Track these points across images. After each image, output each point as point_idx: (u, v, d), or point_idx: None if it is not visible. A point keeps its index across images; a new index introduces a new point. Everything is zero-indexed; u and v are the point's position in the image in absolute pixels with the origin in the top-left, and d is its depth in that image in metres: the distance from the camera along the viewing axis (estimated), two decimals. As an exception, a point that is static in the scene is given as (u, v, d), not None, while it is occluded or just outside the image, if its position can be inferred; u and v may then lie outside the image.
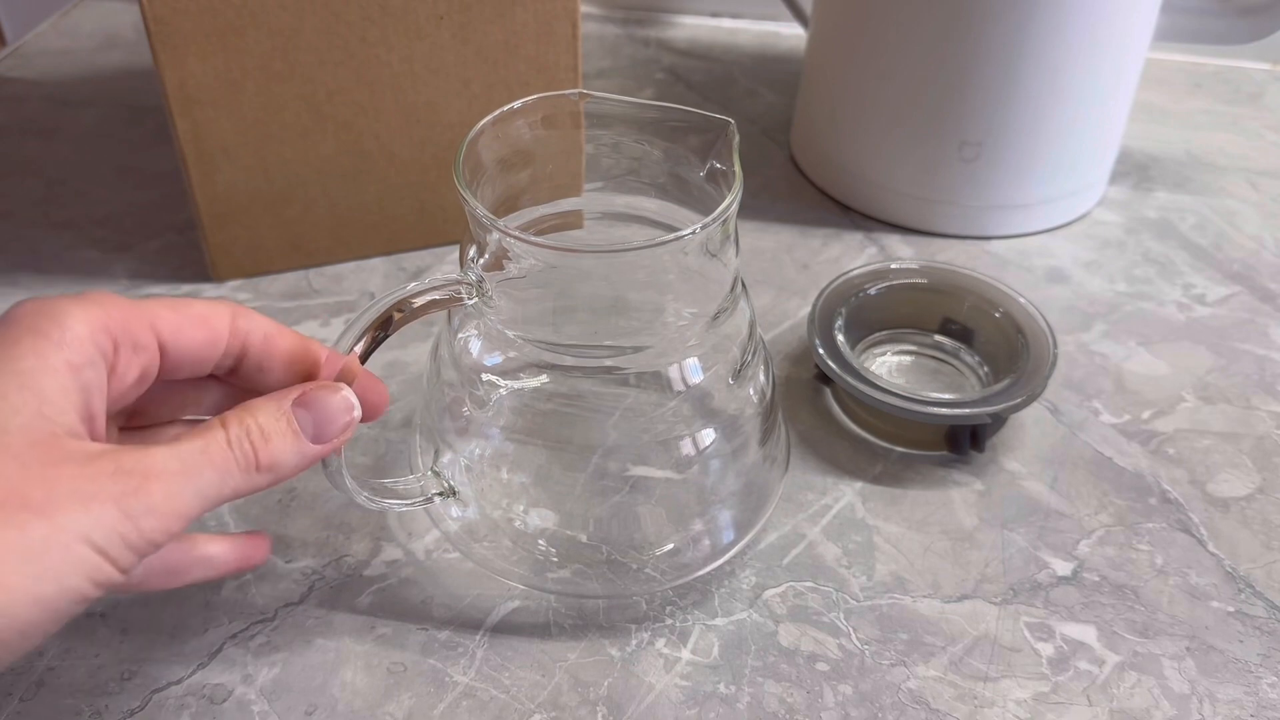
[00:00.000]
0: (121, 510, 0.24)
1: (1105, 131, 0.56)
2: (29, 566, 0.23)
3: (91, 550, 0.24)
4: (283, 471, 0.28)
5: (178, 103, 0.45)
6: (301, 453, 0.28)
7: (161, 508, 0.25)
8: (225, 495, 0.26)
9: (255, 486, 0.27)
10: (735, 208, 0.32)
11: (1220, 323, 0.51)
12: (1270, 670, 0.36)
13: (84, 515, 0.24)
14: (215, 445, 0.26)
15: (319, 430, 0.28)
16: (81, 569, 0.24)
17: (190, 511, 0.26)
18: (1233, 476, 0.43)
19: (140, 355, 0.28)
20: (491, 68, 0.49)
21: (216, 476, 0.26)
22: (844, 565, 0.39)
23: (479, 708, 0.34)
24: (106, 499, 0.24)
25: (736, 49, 0.74)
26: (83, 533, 0.23)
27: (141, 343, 0.28)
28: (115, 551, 0.24)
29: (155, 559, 0.30)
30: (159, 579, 0.31)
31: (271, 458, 0.27)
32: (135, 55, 0.71)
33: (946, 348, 0.47)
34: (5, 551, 0.23)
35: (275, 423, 0.27)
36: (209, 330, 0.29)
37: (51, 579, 0.23)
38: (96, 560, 0.24)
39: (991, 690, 0.35)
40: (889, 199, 0.56)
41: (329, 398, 0.29)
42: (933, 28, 0.51)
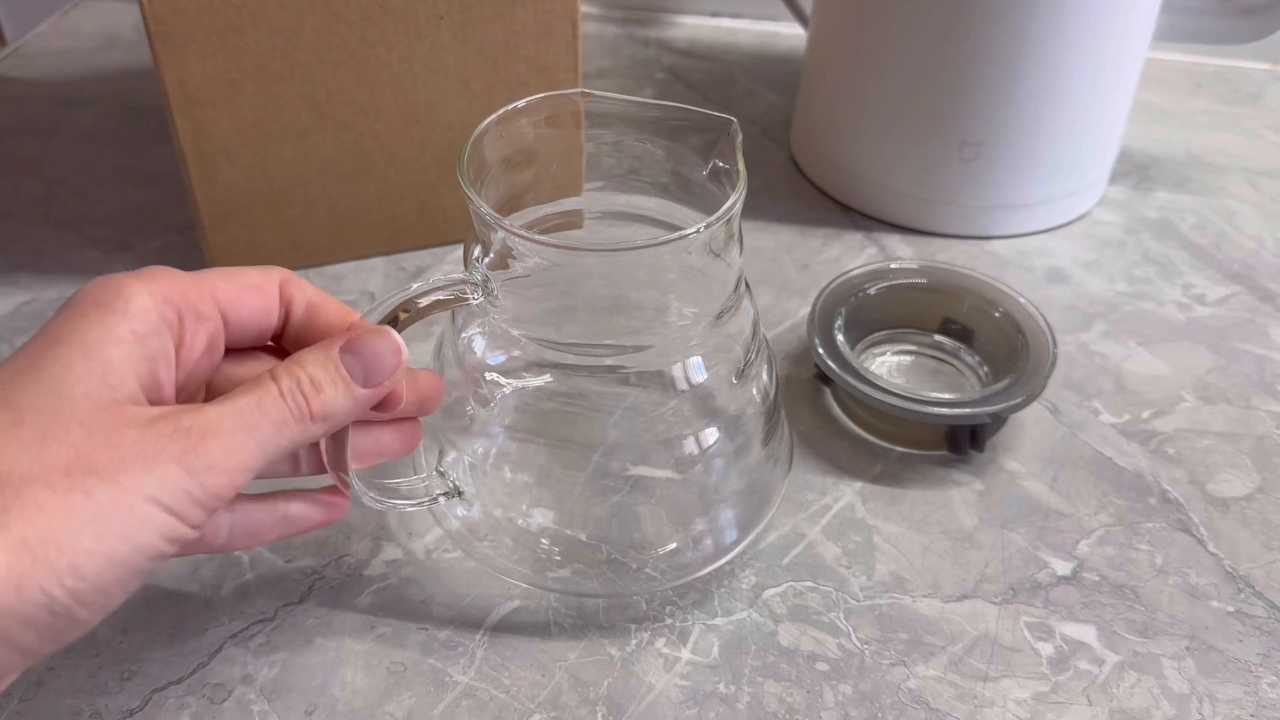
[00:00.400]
0: (184, 468, 0.25)
1: (1105, 131, 0.56)
2: (99, 528, 0.24)
3: (159, 509, 0.24)
4: (337, 419, 0.28)
5: (178, 103, 0.45)
6: (353, 398, 0.28)
7: (222, 463, 0.25)
8: (284, 445, 0.27)
9: (312, 435, 0.28)
10: (739, 206, 0.32)
11: (1220, 323, 0.51)
12: (1270, 670, 0.36)
13: (148, 476, 0.24)
14: (269, 398, 0.27)
15: (368, 375, 0.28)
16: (151, 527, 0.24)
17: (252, 464, 0.26)
18: (1232, 476, 0.43)
19: (205, 325, 0.29)
20: (491, 68, 0.49)
21: (273, 429, 0.27)
22: (844, 565, 0.39)
23: (479, 708, 0.34)
24: (169, 459, 0.25)
25: (736, 49, 0.74)
26: (149, 493, 0.24)
27: (205, 313, 0.29)
28: (182, 508, 0.25)
29: (240, 520, 0.31)
30: (243, 539, 0.31)
31: (325, 407, 0.28)
32: (135, 55, 0.71)
33: (946, 348, 0.47)
34: (76, 516, 0.23)
35: (324, 371, 0.28)
36: (264, 297, 0.30)
37: (123, 538, 0.24)
38: (165, 518, 0.24)
39: (991, 690, 0.35)
40: (889, 199, 0.56)
41: (375, 341, 0.29)
42: (933, 28, 0.51)
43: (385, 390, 0.29)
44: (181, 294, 0.28)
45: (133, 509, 0.24)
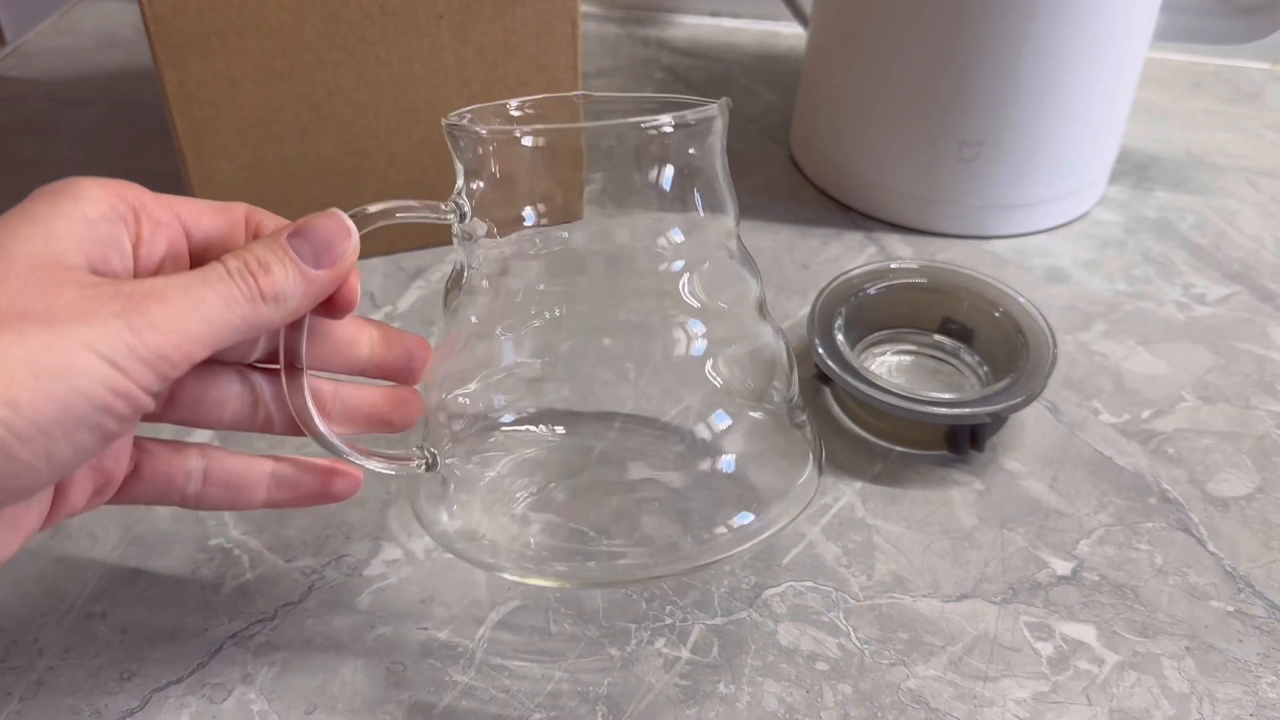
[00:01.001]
0: (124, 323, 0.24)
1: (1105, 131, 0.56)
2: (34, 366, 0.23)
3: (98, 358, 0.24)
4: (290, 302, 0.28)
5: (177, 102, 0.45)
6: (305, 279, 0.28)
7: (165, 324, 0.25)
8: (235, 323, 0.26)
9: (265, 318, 0.27)
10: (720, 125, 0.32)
11: (1220, 322, 0.51)
12: (1270, 670, 0.36)
13: (86, 327, 0.24)
14: (215, 273, 0.26)
15: (318, 256, 0.28)
16: (91, 374, 0.24)
17: (200, 333, 0.25)
18: (1232, 476, 0.43)
19: (164, 230, 0.28)
20: (491, 67, 0.49)
21: (220, 301, 0.26)
22: (844, 565, 0.39)
23: (479, 707, 0.34)
24: (108, 314, 0.24)
25: (736, 48, 0.74)
26: (86, 341, 0.24)
27: (163, 220, 0.28)
28: (124, 361, 0.24)
29: (215, 470, 0.30)
30: (222, 494, 0.31)
31: (274, 287, 0.27)
32: (135, 54, 0.71)
33: (946, 347, 0.47)
34: (8, 352, 0.23)
35: (273, 253, 0.27)
36: (226, 216, 0.30)
37: (58, 380, 0.23)
38: (105, 368, 0.24)
39: (991, 690, 0.35)
40: (889, 198, 0.56)
41: (323, 222, 0.28)
42: (933, 27, 0.51)
43: (337, 275, 0.29)
44: (138, 197, 0.28)
45: (70, 353, 0.23)
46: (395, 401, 0.33)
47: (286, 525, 0.40)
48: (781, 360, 0.36)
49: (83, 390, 0.23)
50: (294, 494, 0.32)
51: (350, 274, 0.29)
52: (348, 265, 0.29)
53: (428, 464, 0.34)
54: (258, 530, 0.39)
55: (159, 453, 0.30)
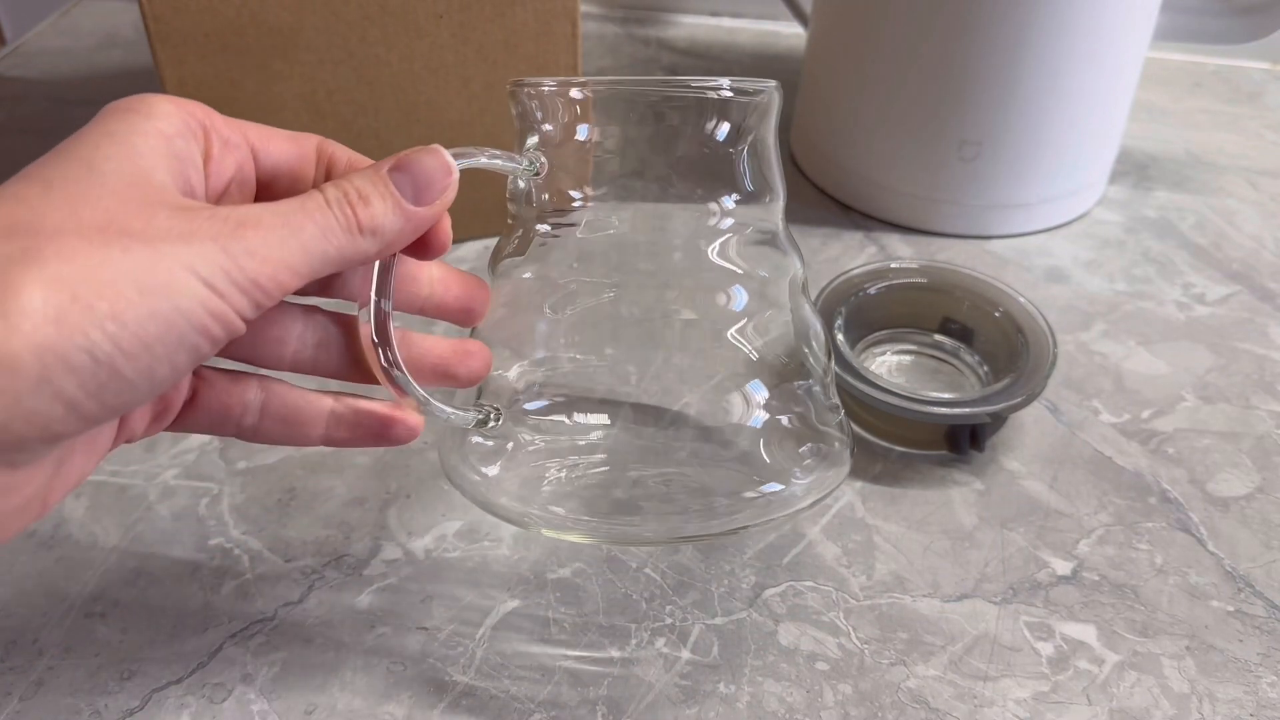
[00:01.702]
0: (221, 248, 0.24)
1: (1105, 131, 0.56)
2: (139, 281, 0.22)
3: (198, 280, 0.23)
4: (386, 235, 0.27)
5: (177, 102, 0.45)
6: (403, 214, 0.27)
7: (261, 251, 0.24)
8: (330, 254, 0.26)
9: (361, 250, 0.27)
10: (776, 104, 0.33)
11: (1220, 322, 0.51)
12: (1270, 669, 0.36)
13: (185, 248, 0.23)
14: (313, 202, 0.26)
15: (418, 192, 0.28)
16: (192, 294, 0.23)
17: (295, 263, 0.25)
18: (1232, 476, 0.43)
19: (233, 151, 0.28)
20: (491, 67, 0.49)
21: (318, 231, 0.26)
22: (844, 565, 0.39)
23: (479, 708, 0.34)
24: (205, 237, 0.24)
25: (736, 48, 0.74)
26: (186, 262, 0.23)
27: (232, 140, 0.28)
28: (222, 285, 0.24)
29: (274, 403, 0.30)
30: (280, 428, 0.30)
31: (373, 219, 0.27)
32: (135, 54, 0.71)
33: (946, 347, 0.47)
34: (114, 265, 0.22)
35: (374, 185, 0.27)
36: (297, 144, 0.30)
37: (163, 296, 0.23)
38: (204, 291, 0.23)
39: (991, 689, 0.35)
40: (889, 198, 0.56)
41: (426, 158, 0.28)
42: (933, 27, 0.51)
43: (437, 212, 0.28)
44: (207, 115, 0.27)
45: (171, 272, 0.23)
46: (462, 354, 0.32)
47: (286, 525, 0.40)
48: (820, 338, 0.36)
49: (185, 310, 0.23)
50: (352, 434, 0.31)
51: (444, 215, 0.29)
52: (446, 204, 0.28)
53: (490, 417, 0.33)
54: (258, 530, 0.39)
55: (217, 381, 0.29)
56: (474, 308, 0.33)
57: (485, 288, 0.33)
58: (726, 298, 0.34)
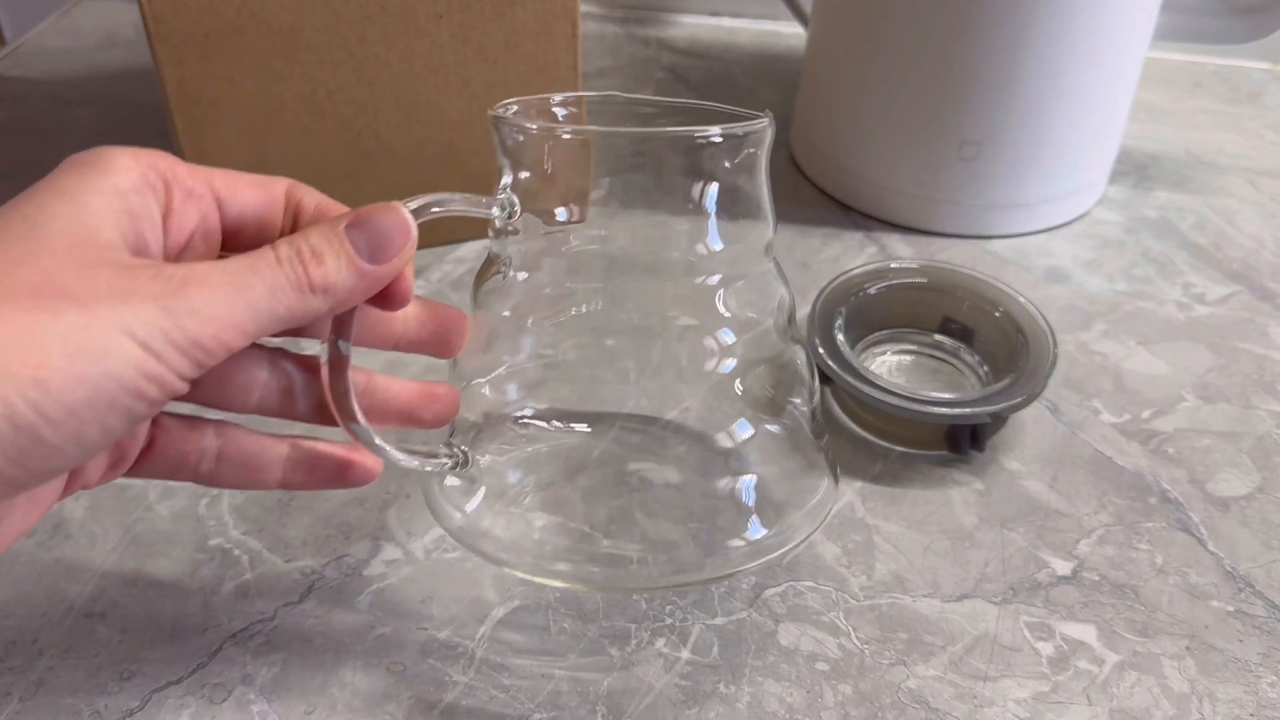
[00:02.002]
0: (161, 307, 0.23)
1: (1105, 131, 0.56)
2: (67, 345, 0.22)
3: (133, 342, 0.23)
4: (339, 293, 0.27)
5: (177, 102, 0.45)
6: (357, 273, 0.27)
7: (206, 310, 0.24)
8: (280, 313, 0.26)
9: (313, 309, 0.26)
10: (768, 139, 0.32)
11: (1220, 322, 0.51)
12: (1270, 669, 0.36)
13: (123, 308, 0.23)
14: (263, 261, 0.26)
15: (374, 250, 0.27)
16: (124, 357, 0.23)
17: (241, 322, 0.25)
18: (1232, 476, 0.43)
19: (196, 202, 0.28)
20: (491, 67, 0.48)
21: (266, 290, 0.25)
22: (844, 565, 0.39)
23: (479, 708, 0.34)
24: (146, 297, 0.23)
25: (736, 48, 0.74)
26: (122, 324, 0.23)
27: (195, 191, 0.28)
28: (158, 346, 0.23)
29: (230, 449, 0.30)
30: (236, 473, 0.30)
31: (325, 278, 0.26)
32: (135, 54, 0.71)
33: (946, 347, 0.47)
34: (43, 332, 0.22)
35: (328, 243, 0.27)
36: (265, 191, 0.29)
37: (92, 361, 0.22)
38: (139, 353, 0.23)
39: (991, 690, 0.35)
40: (889, 198, 0.56)
41: (383, 216, 0.28)
42: (933, 27, 0.51)
43: (394, 270, 0.28)
44: (169, 166, 0.27)
45: (104, 334, 0.23)
46: (427, 397, 0.32)
47: (286, 525, 0.40)
48: (803, 374, 0.36)
49: (115, 374, 0.23)
50: (309, 478, 0.31)
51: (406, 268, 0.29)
52: (404, 262, 0.28)
53: (459, 462, 0.33)
54: (258, 530, 0.39)
55: (175, 429, 0.30)
56: (451, 340, 0.32)
57: (462, 319, 0.32)
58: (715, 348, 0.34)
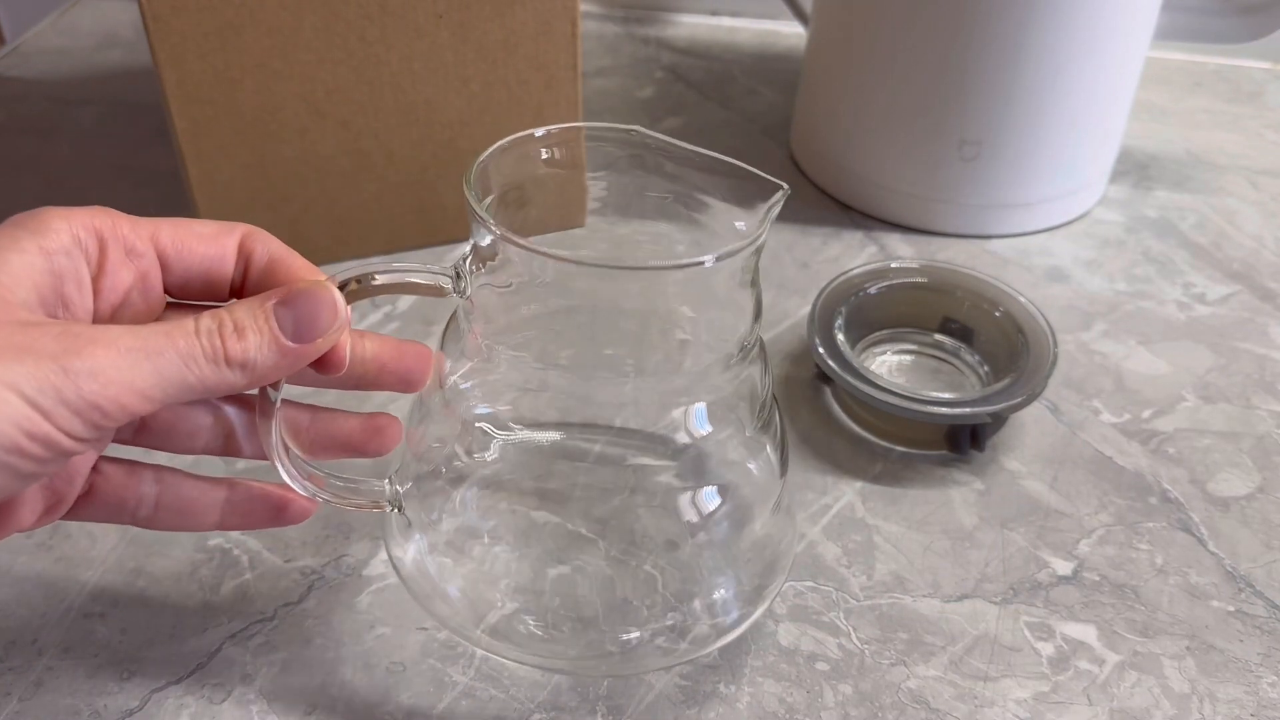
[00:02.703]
0: (59, 366, 0.23)
1: (1105, 130, 0.56)
2: None
3: (20, 399, 0.22)
4: (259, 370, 0.26)
5: (177, 101, 0.45)
6: (278, 350, 0.26)
7: (108, 372, 0.23)
8: (192, 384, 0.25)
9: (229, 382, 0.26)
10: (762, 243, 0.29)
11: (1220, 322, 0.51)
12: (1270, 669, 0.36)
13: (16, 365, 0.23)
14: (179, 330, 0.25)
15: (299, 329, 0.27)
16: (9, 415, 0.22)
17: (145, 387, 0.24)
18: (1233, 476, 0.43)
19: (136, 260, 0.28)
20: (490, 66, 0.48)
21: (178, 359, 0.25)
22: (844, 565, 0.39)
23: (479, 708, 0.34)
24: (44, 355, 0.23)
25: (736, 47, 0.74)
26: (11, 380, 0.22)
27: (137, 249, 0.28)
28: (49, 405, 0.23)
29: (168, 495, 0.30)
30: (175, 518, 0.30)
31: (244, 353, 0.26)
32: (134, 54, 0.71)
33: (946, 347, 0.47)
34: None
35: (251, 318, 0.26)
36: (216, 246, 0.29)
37: None
38: (26, 410, 0.23)
39: (991, 690, 0.35)
40: (889, 198, 0.56)
41: (312, 297, 0.27)
42: (933, 26, 0.51)
43: (318, 350, 0.27)
44: (108, 225, 0.27)
45: None
46: (371, 430, 0.33)
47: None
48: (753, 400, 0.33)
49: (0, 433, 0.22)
50: (245, 520, 0.31)
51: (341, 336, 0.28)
52: (332, 340, 0.28)
53: (394, 505, 0.33)
54: (257, 530, 0.39)
55: (114, 475, 0.30)
56: (413, 377, 0.32)
57: (425, 354, 0.32)
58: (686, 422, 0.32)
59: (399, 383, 0.32)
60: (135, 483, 0.30)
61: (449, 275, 0.30)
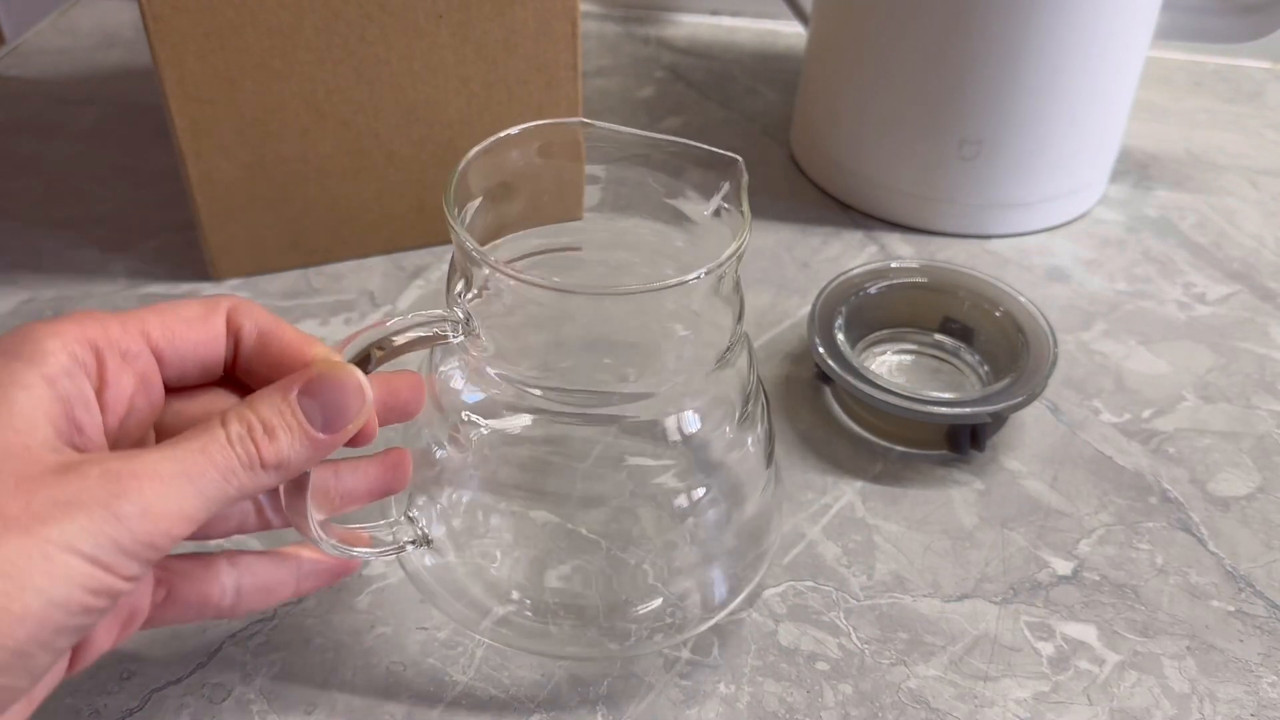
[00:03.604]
0: (111, 513, 0.23)
1: (1105, 130, 0.56)
2: (7, 583, 0.21)
3: (81, 560, 0.22)
4: (292, 468, 0.26)
5: (177, 101, 0.45)
6: (311, 444, 0.26)
7: (156, 508, 0.23)
8: (232, 495, 0.25)
9: (265, 484, 0.26)
10: (743, 250, 0.30)
11: (1220, 321, 0.51)
12: (1270, 669, 0.36)
13: (69, 524, 0.22)
14: (215, 444, 0.25)
15: (328, 420, 0.26)
16: (71, 579, 0.22)
17: (194, 512, 0.24)
18: (1233, 475, 0.43)
19: (133, 363, 0.27)
20: (491, 66, 0.48)
21: (219, 476, 0.25)
22: (844, 564, 0.39)
23: (479, 708, 0.34)
24: (93, 504, 0.22)
25: (736, 47, 0.74)
26: (67, 542, 0.22)
27: (131, 350, 0.27)
28: (109, 558, 0.23)
29: (247, 579, 0.30)
30: (258, 598, 0.30)
31: (278, 455, 0.25)
32: (134, 53, 0.71)
33: (947, 347, 0.47)
34: None
35: (279, 416, 0.26)
36: (206, 328, 0.28)
37: (35, 593, 0.22)
38: (88, 569, 0.22)
39: (992, 690, 0.35)
40: (889, 197, 0.56)
41: (337, 382, 0.26)
42: (933, 26, 0.51)
43: (348, 435, 0.27)
44: (100, 333, 0.26)
45: (49, 559, 0.22)
46: (390, 468, 0.33)
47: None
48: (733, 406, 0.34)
49: (63, 600, 0.22)
50: (318, 581, 0.32)
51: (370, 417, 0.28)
52: (360, 425, 0.27)
53: (420, 543, 0.34)
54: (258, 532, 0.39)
55: (191, 573, 0.29)
56: (410, 408, 0.32)
57: (417, 381, 0.32)
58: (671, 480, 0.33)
59: (397, 417, 0.32)
60: (214, 575, 0.29)
61: (458, 319, 0.30)
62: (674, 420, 0.32)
